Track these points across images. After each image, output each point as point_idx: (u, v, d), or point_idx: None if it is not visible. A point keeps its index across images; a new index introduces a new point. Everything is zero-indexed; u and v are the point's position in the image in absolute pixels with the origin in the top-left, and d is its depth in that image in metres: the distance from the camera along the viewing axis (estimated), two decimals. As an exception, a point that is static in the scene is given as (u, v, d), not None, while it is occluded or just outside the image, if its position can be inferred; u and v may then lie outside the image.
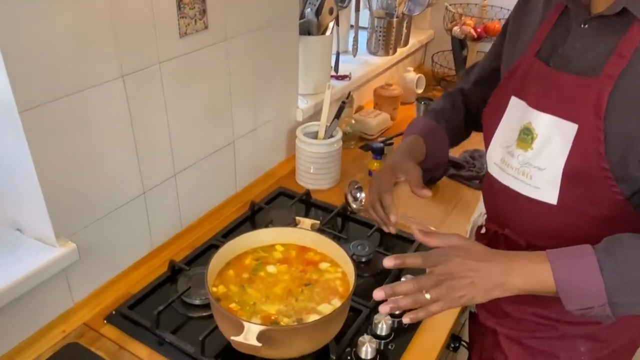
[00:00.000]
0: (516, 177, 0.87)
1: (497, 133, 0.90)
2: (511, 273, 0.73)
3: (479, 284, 0.73)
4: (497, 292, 0.74)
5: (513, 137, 0.87)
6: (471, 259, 0.74)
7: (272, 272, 0.97)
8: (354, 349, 0.94)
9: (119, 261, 1.10)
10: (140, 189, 1.09)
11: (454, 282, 0.74)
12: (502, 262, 0.74)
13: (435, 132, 1.05)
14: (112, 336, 0.97)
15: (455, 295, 0.74)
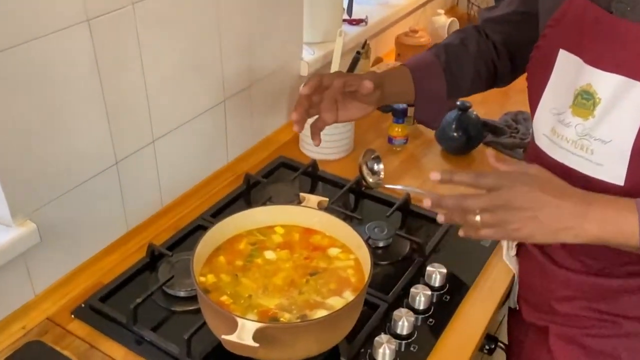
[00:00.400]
0: (572, 152, 0.85)
1: (545, 96, 0.88)
2: (587, 216, 0.72)
3: (543, 220, 0.73)
4: (565, 236, 0.73)
5: (566, 101, 0.85)
6: (542, 190, 0.73)
7: (271, 259, 0.97)
8: (369, 351, 0.94)
9: (88, 245, 1.11)
10: (111, 158, 1.09)
11: (509, 212, 0.73)
12: (580, 202, 0.73)
13: (428, 66, 1.02)
14: (81, 333, 0.98)
15: (509, 227, 0.74)
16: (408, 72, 1.02)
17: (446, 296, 1.06)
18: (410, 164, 1.42)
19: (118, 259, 1.12)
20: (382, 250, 1.15)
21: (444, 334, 0.99)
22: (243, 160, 1.41)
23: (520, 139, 1.46)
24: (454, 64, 1.04)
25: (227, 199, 1.26)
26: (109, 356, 0.94)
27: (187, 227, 1.18)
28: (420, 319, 1.01)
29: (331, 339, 0.88)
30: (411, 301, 1.02)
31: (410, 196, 1.26)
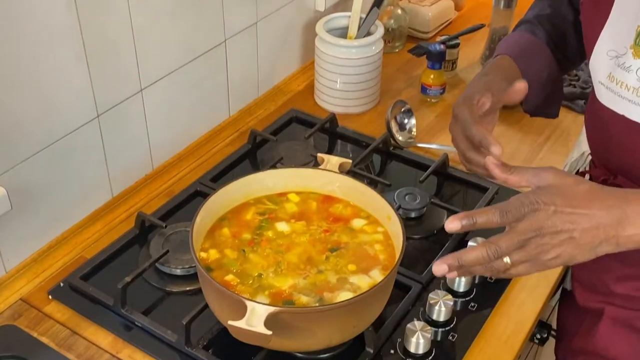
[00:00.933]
0: (634, 102, 0.84)
1: (603, 36, 0.87)
2: (627, 221, 0.73)
3: (580, 239, 0.74)
4: (607, 248, 0.74)
5: (627, 40, 0.83)
6: (570, 205, 0.74)
7: (284, 232, 0.98)
8: (400, 340, 0.95)
9: (66, 213, 1.12)
10: (92, 110, 1.09)
11: (543, 239, 0.74)
12: (615, 206, 0.74)
13: (531, 48, 1.02)
14: (61, 317, 0.99)
15: (546, 258, 0.75)
16: (511, 61, 1.00)
17: (491, 277, 1.06)
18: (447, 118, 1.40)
19: (102, 230, 1.13)
20: (414, 222, 1.15)
21: (489, 320, 1.00)
22: (248, 113, 1.40)
23: (581, 87, 1.44)
24: (554, 36, 1.02)
25: (230, 161, 1.26)
26: (94, 344, 0.96)
27: (182, 193, 1.19)
28: (460, 303, 1.02)
29: (356, 326, 0.89)
30: (449, 282, 1.03)
31: (448, 157, 1.25)
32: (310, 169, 1.06)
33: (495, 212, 0.76)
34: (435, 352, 0.94)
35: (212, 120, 1.35)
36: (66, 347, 0.95)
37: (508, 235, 0.76)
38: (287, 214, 1.00)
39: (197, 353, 0.92)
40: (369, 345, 0.93)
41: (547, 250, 0.74)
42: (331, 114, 1.35)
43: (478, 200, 1.18)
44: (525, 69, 1.00)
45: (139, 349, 0.95)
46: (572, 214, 0.74)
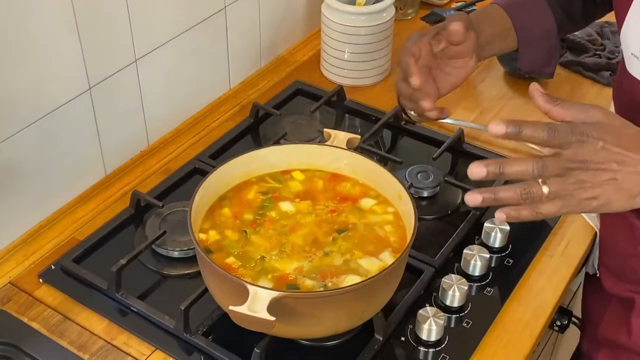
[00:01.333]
0: None
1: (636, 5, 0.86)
2: None
3: (623, 182, 0.73)
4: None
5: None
6: (618, 145, 0.73)
7: (288, 212, 0.98)
8: (411, 327, 0.96)
9: (57, 192, 1.12)
10: (83, 82, 1.09)
11: (586, 174, 0.73)
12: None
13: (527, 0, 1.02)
14: (52, 302, 1.00)
15: (583, 196, 0.73)
16: (502, 11, 1.00)
17: (508, 259, 1.06)
18: (463, 90, 1.40)
19: (95, 210, 1.14)
20: (427, 202, 1.16)
21: (505, 306, 1.00)
22: (250, 86, 1.40)
23: (607, 58, 1.43)
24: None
25: (230, 136, 1.26)
26: (87, 329, 0.96)
27: (180, 171, 1.19)
28: (475, 288, 1.02)
29: (364, 312, 0.89)
30: (464, 266, 1.03)
31: (463, 133, 1.25)
32: (316, 145, 1.06)
33: (544, 128, 0.73)
34: (448, 339, 0.95)
35: (211, 93, 1.34)
36: (58, 333, 0.96)
37: (554, 158, 0.74)
38: (291, 193, 1.01)
39: (196, 340, 0.93)
40: (378, 332, 0.94)
41: (586, 188, 0.73)
42: (338, 86, 1.34)
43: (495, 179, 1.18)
44: (518, 22, 0.99)
45: (134, 335, 0.95)
46: (620, 153, 0.72)
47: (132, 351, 0.94)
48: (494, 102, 1.37)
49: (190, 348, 0.94)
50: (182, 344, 0.94)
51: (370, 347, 0.93)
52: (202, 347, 0.93)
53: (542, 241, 1.10)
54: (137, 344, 0.95)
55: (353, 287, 0.84)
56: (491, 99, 1.37)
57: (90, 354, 0.93)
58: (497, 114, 1.33)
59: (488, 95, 1.39)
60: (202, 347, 0.93)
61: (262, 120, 1.30)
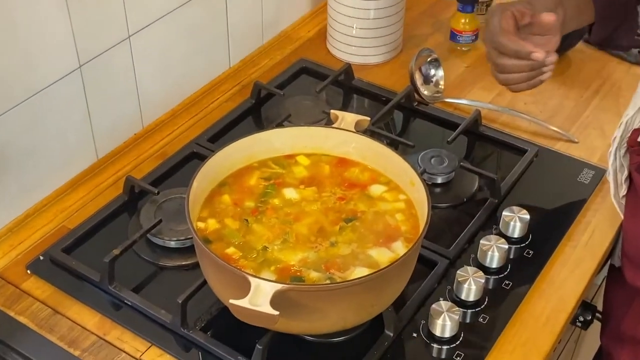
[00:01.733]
0: None
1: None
2: None
3: None
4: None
5: None
6: None
7: (292, 199, 0.98)
8: (424, 322, 0.96)
9: (45, 178, 1.12)
10: (73, 60, 1.09)
11: None
12: None
13: None
14: (41, 295, 1.00)
15: None
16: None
17: (528, 250, 1.06)
18: (480, 69, 1.40)
19: (87, 197, 1.14)
20: (441, 188, 1.16)
21: (525, 301, 1.00)
22: (251, 64, 1.39)
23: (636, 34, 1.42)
24: None
25: (230, 118, 1.26)
26: (78, 324, 0.97)
27: (177, 155, 1.19)
28: (492, 281, 1.02)
29: (373, 306, 0.89)
30: (481, 257, 1.03)
31: (480, 114, 1.25)
32: (322, 128, 1.05)
33: None
34: (463, 336, 0.95)
35: (210, 72, 1.34)
36: (47, 328, 0.96)
37: None
38: (295, 179, 1.01)
39: (195, 335, 0.93)
40: (389, 327, 0.94)
41: None
42: (346, 64, 1.34)
43: (515, 164, 1.18)
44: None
45: (128, 330, 0.96)
46: None
47: (126, 347, 0.94)
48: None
49: (187, 344, 0.94)
50: (179, 340, 0.94)
51: (379, 344, 0.93)
52: (200, 343, 0.93)
53: (565, 230, 1.09)
54: (132, 340, 0.95)
55: (362, 280, 0.84)
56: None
57: (81, 350, 0.94)
58: (516, 95, 1.33)
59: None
60: (200, 343, 0.93)
61: (264, 101, 1.30)
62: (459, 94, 1.33)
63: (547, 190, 1.15)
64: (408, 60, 1.32)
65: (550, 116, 1.29)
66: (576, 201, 1.14)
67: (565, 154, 1.22)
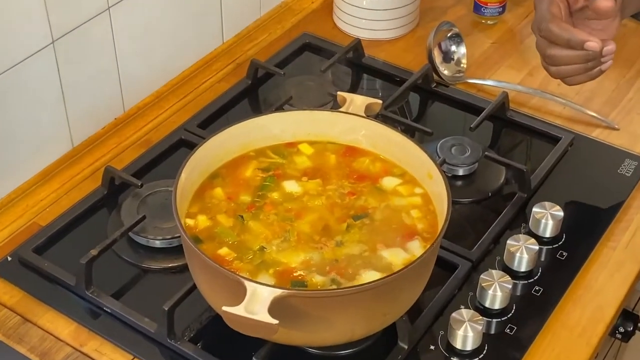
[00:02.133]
0: None
1: None
2: None
3: None
4: None
5: None
6: None
7: (293, 193, 0.98)
8: (443, 333, 0.96)
9: (13, 168, 1.12)
10: (45, 34, 1.09)
11: None
12: None
13: None
14: (9, 300, 1.00)
15: None
16: None
17: (562, 252, 1.06)
18: (508, 46, 1.40)
19: (61, 190, 1.14)
20: (463, 181, 1.15)
21: (558, 309, 1.00)
22: (247, 39, 1.40)
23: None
24: None
25: (224, 101, 1.26)
26: (51, 334, 0.97)
27: (162, 143, 1.19)
28: (520, 287, 1.02)
29: (386, 315, 0.89)
30: (507, 259, 1.03)
31: (507, 97, 1.24)
32: (328, 112, 1.05)
33: None
34: (487, 348, 0.95)
35: (200, 48, 1.34)
36: (16, 338, 0.96)
37: None
38: (297, 170, 1.00)
39: (182, 347, 0.94)
40: (403, 339, 0.94)
41: None
42: (355, 40, 1.34)
43: (547, 154, 1.18)
44: None
45: (108, 341, 0.96)
46: None
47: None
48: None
49: (175, 357, 0.94)
50: (165, 352, 0.95)
51: (392, 358, 0.93)
52: (189, 355, 0.93)
53: (603, 230, 1.09)
54: (111, 352, 0.95)
55: (372, 285, 0.84)
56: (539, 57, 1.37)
57: (54, 364, 0.94)
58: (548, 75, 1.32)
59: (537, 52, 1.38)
60: (189, 356, 0.93)
61: (262, 81, 1.30)
62: (484, 74, 1.33)
63: (583, 184, 1.15)
64: (425, 35, 1.32)
65: (588, 99, 1.28)
66: (616, 196, 1.14)
67: (605, 143, 1.21)
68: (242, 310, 0.78)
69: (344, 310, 0.85)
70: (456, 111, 1.27)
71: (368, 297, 0.84)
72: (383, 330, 0.92)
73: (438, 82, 1.30)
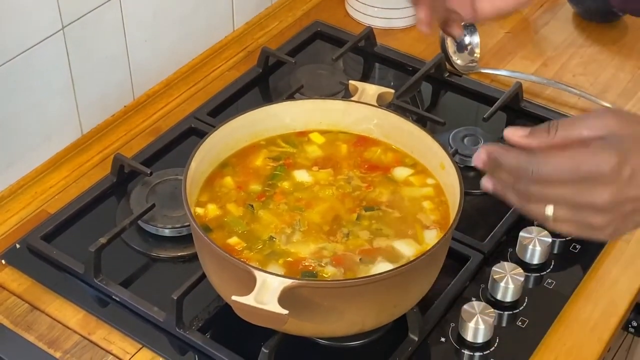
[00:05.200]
0: None
1: None
2: None
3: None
4: None
5: None
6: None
7: (304, 183, 0.98)
8: (453, 325, 0.96)
9: (23, 155, 1.13)
10: (55, 20, 1.09)
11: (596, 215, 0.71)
12: None
13: None
14: (17, 288, 1.01)
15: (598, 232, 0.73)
16: None
17: (575, 245, 1.06)
18: (522, 36, 1.39)
19: (70, 177, 1.14)
20: (475, 172, 1.15)
21: (570, 302, 1.00)
22: (258, 27, 1.39)
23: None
24: None
25: (234, 89, 1.26)
26: (59, 322, 0.97)
27: (172, 131, 1.19)
28: (533, 279, 1.02)
29: (396, 307, 0.89)
30: (520, 252, 1.03)
31: (521, 87, 1.24)
32: (340, 101, 1.05)
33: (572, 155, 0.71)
34: (499, 341, 0.95)
35: (210, 36, 1.34)
36: (24, 325, 0.97)
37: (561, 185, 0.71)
38: (308, 160, 1.01)
39: (191, 336, 0.94)
40: (413, 331, 0.94)
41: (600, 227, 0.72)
42: (367, 28, 1.34)
43: (560, 145, 1.17)
44: None
45: (116, 330, 0.96)
46: None
47: (113, 349, 0.95)
48: (560, 50, 1.36)
49: (183, 346, 0.95)
50: (174, 341, 0.95)
51: (402, 349, 0.93)
52: (197, 345, 0.94)
53: (617, 223, 1.09)
54: (120, 340, 0.95)
55: (383, 276, 0.84)
56: (557, 47, 1.36)
57: (62, 352, 0.94)
58: (563, 66, 1.32)
59: (553, 42, 1.38)
60: (197, 345, 0.94)
61: (273, 69, 1.30)
62: (497, 64, 1.32)
63: (597, 176, 1.14)
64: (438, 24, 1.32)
65: (603, 91, 1.28)
66: (631, 189, 1.13)
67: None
68: (252, 300, 0.78)
69: (355, 301, 0.85)
70: (469, 101, 1.27)
71: (379, 288, 0.84)
72: (393, 322, 0.92)
73: (451, 71, 1.29)
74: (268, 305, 0.78)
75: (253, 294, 0.78)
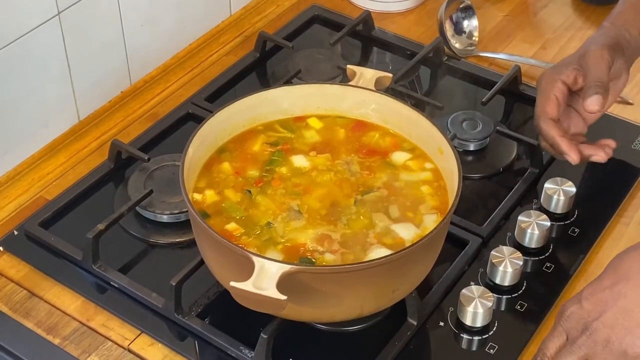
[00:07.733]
0: None
1: None
2: None
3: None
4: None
5: None
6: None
7: (302, 168, 0.98)
8: (452, 309, 0.96)
9: (19, 142, 1.13)
10: (50, 5, 1.09)
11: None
12: None
13: None
14: (16, 275, 1.01)
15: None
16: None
17: (574, 229, 1.06)
18: (520, 19, 1.39)
19: (67, 163, 1.14)
20: (474, 157, 1.15)
21: (569, 286, 1.00)
22: (255, 11, 1.39)
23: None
24: None
25: (231, 74, 1.26)
26: (58, 308, 0.98)
27: (170, 116, 1.19)
28: (531, 263, 1.02)
29: (395, 291, 0.89)
30: (519, 236, 1.03)
31: (520, 71, 1.24)
32: (338, 86, 1.05)
33: None
34: (497, 325, 0.95)
35: (208, 21, 1.34)
36: (23, 312, 0.97)
37: None
38: (306, 145, 1.01)
39: (190, 322, 0.94)
40: (412, 315, 0.94)
41: None
42: (365, 12, 1.33)
43: (559, 129, 1.17)
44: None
45: (115, 316, 0.97)
46: None
47: (112, 335, 0.95)
48: (559, 33, 1.35)
49: (182, 332, 0.95)
50: (173, 327, 0.95)
51: (401, 334, 0.93)
52: (196, 331, 0.94)
53: (617, 206, 1.09)
54: (119, 327, 0.96)
55: (382, 261, 0.84)
56: (556, 29, 1.36)
57: (61, 338, 0.94)
58: (562, 48, 1.32)
59: (552, 25, 1.37)
60: (196, 331, 0.94)
61: (271, 54, 1.30)
62: (496, 47, 1.32)
63: (596, 159, 1.15)
64: (437, 7, 1.31)
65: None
66: (630, 171, 1.14)
67: (618, 117, 1.21)
68: (250, 285, 0.78)
69: (353, 286, 0.85)
70: (468, 85, 1.27)
71: (377, 273, 0.85)
72: (392, 307, 0.92)
73: (449, 55, 1.29)
74: (266, 291, 0.78)
75: (251, 280, 0.78)
